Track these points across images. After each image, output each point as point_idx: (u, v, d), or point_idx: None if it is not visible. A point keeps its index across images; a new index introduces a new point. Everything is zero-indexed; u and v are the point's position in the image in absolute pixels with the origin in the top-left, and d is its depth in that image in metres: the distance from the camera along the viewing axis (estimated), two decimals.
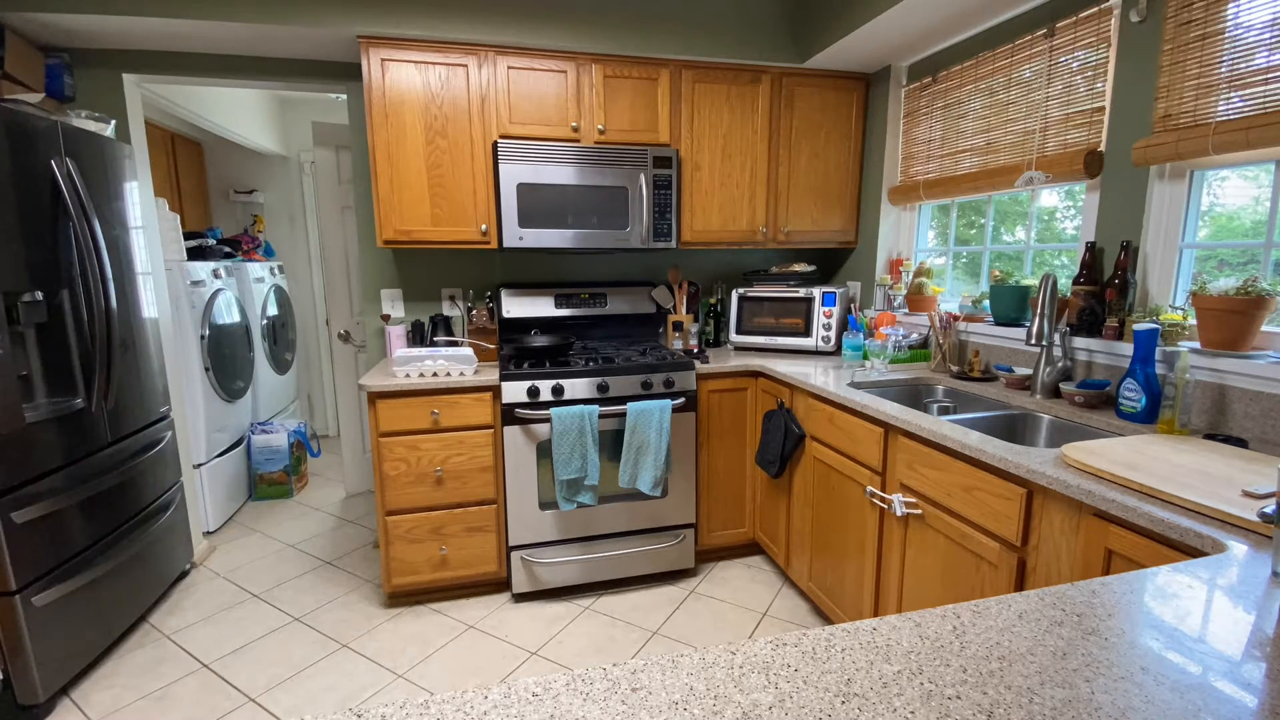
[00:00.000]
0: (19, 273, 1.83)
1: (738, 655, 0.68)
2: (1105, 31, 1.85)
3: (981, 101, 2.33)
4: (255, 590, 2.61)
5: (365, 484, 3.62)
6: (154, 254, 2.63)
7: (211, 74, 2.60)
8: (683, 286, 2.85)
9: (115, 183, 2.30)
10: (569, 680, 0.64)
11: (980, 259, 2.53)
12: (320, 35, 2.36)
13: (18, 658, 1.81)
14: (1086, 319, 1.88)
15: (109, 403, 2.18)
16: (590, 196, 2.54)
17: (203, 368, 3.06)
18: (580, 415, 2.30)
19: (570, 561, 2.48)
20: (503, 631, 2.29)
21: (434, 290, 2.90)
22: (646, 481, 2.40)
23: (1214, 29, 1.57)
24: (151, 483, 2.43)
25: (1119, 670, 0.65)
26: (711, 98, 2.72)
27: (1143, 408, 1.59)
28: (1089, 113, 1.92)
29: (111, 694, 1.98)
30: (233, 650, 2.20)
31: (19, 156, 1.84)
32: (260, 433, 3.56)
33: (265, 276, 3.95)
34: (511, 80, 2.48)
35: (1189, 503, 1.07)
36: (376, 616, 2.39)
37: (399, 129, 2.41)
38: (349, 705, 1.93)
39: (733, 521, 2.73)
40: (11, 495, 1.78)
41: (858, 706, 0.60)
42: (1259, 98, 1.48)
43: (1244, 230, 1.64)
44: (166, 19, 2.19)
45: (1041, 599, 0.79)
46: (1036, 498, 1.35)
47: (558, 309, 2.88)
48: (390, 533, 2.33)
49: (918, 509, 1.71)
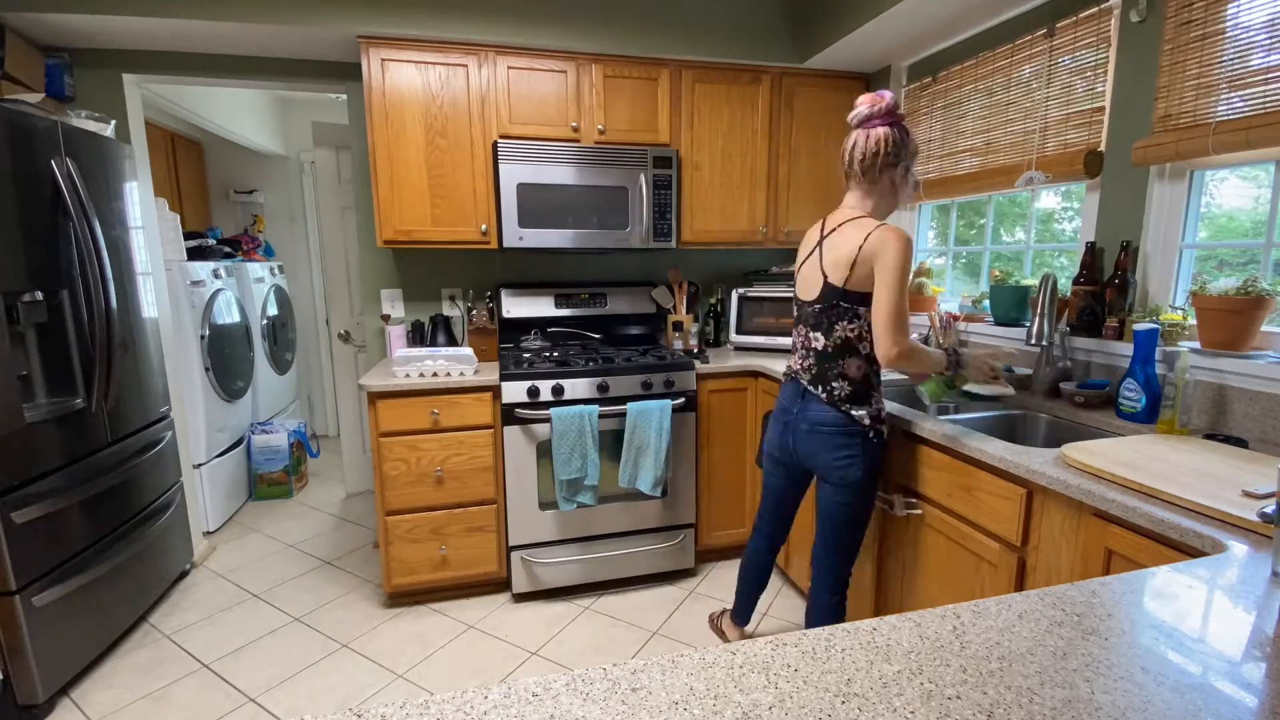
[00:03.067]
0: (19, 273, 1.83)
1: (738, 655, 0.68)
2: (1105, 31, 1.85)
3: (981, 101, 2.33)
4: (255, 590, 2.61)
5: (365, 484, 3.62)
6: (154, 254, 2.63)
7: (211, 74, 2.60)
8: (683, 286, 2.85)
9: (115, 183, 2.30)
10: (569, 680, 0.64)
11: (980, 259, 2.53)
12: (320, 35, 2.36)
13: (18, 658, 1.81)
14: (1086, 319, 1.88)
15: (109, 403, 2.18)
16: (590, 196, 2.54)
17: (203, 368, 3.06)
18: (580, 415, 2.30)
19: (570, 561, 2.48)
20: (503, 631, 2.29)
21: (434, 290, 2.90)
22: (646, 481, 2.40)
23: (1214, 29, 1.57)
24: (151, 483, 2.43)
25: (1119, 670, 0.65)
26: (711, 98, 2.72)
27: (1143, 408, 1.59)
28: (1089, 113, 1.92)
29: (111, 694, 1.98)
30: (233, 650, 2.20)
31: (19, 157, 1.84)
32: (260, 433, 3.56)
33: (265, 276, 3.95)
34: (511, 80, 2.48)
35: (1189, 503, 1.07)
36: (376, 616, 2.39)
37: (399, 129, 2.41)
38: (349, 705, 1.93)
39: (733, 521, 2.73)
40: (11, 495, 1.78)
41: (858, 706, 0.60)
42: (1259, 98, 1.48)
43: (1244, 230, 1.64)
44: (166, 19, 2.19)
45: (1041, 599, 0.79)
46: (1036, 498, 1.35)
47: (558, 309, 2.88)
48: (390, 533, 2.33)
49: (918, 509, 1.71)
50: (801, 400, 1.69)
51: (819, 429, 1.64)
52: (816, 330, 1.64)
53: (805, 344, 1.69)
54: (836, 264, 1.57)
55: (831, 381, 1.62)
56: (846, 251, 1.54)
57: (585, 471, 2.34)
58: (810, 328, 1.66)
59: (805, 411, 1.67)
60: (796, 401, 1.70)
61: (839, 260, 1.56)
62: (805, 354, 1.69)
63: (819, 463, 1.67)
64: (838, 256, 1.57)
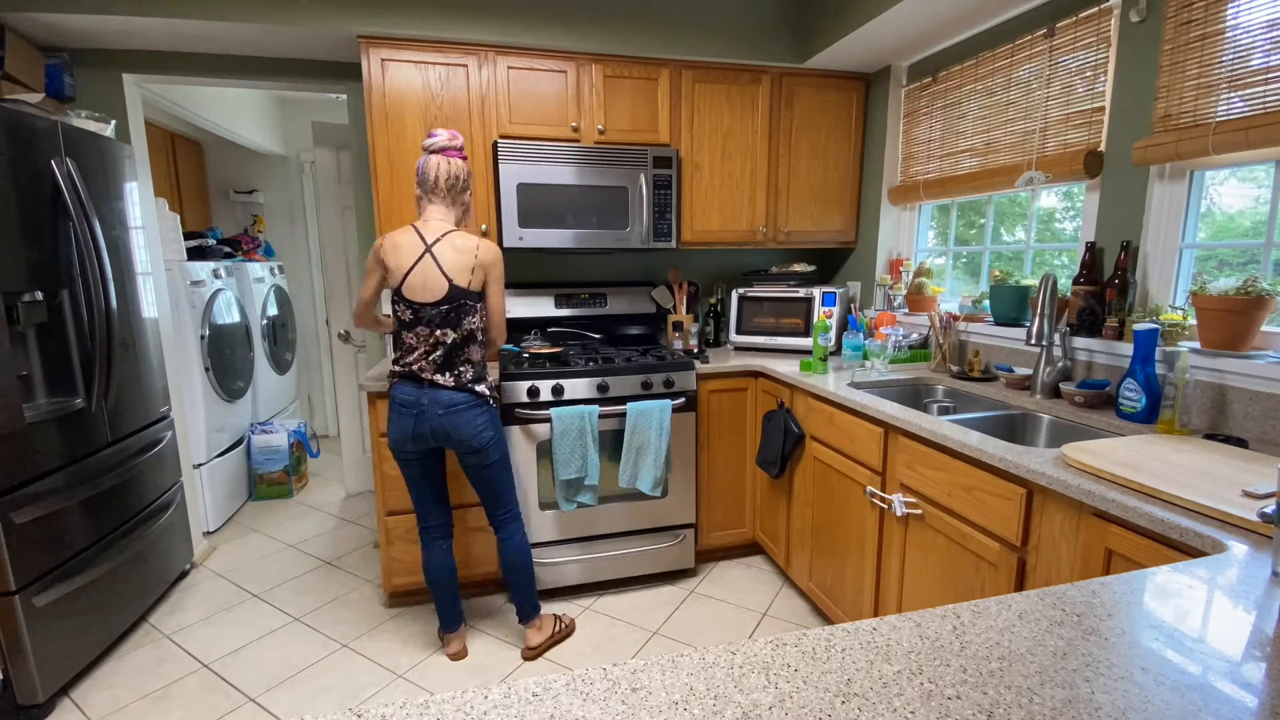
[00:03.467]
0: (19, 273, 1.83)
1: (738, 655, 0.68)
2: (1105, 31, 1.86)
3: (981, 101, 2.33)
4: (255, 590, 2.61)
5: (365, 484, 3.62)
6: (154, 254, 2.63)
7: (211, 74, 2.60)
8: (683, 286, 2.85)
9: (115, 183, 2.30)
10: (569, 680, 0.64)
11: (980, 259, 2.53)
12: (320, 35, 2.36)
13: (18, 658, 1.81)
14: (1086, 319, 1.88)
15: (109, 403, 2.18)
16: (590, 196, 2.54)
17: (203, 368, 3.06)
18: (580, 415, 2.30)
19: (570, 561, 2.48)
20: (503, 631, 2.28)
21: None
22: (647, 481, 2.40)
23: (1214, 29, 1.57)
24: (151, 483, 2.43)
25: (1119, 670, 0.65)
26: (711, 98, 2.72)
27: (1143, 408, 1.59)
28: (1089, 113, 1.92)
29: (111, 694, 1.98)
30: (233, 650, 2.20)
31: (19, 156, 1.84)
32: (260, 433, 3.56)
33: (265, 276, 3.95)
34: (511, 80, 2.48)
35: (1189, 503, 1.07)
36: (376, 616, 2.39)
37: (399, 129, 2.41)
38: (349, 705, 1.93)
39: (733, 521, 2.73)
40: (11, 495, 1.78)
41: (858, 706, 0.60)
42: (1259, 98, 1.48)
43: (1244, 230, 1.64)
44: (166, 19, 2.19)
45: (1041, 599, 0.79)
46: (1036, 498, 1.35)
47: (558, 309, 2.88)
48: (390, 533, 2.33)
49: (918, 509, 1.71)
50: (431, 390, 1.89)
51: (455, 409, 1.88)
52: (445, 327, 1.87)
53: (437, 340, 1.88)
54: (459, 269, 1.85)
55: (458, 367, 1.90)
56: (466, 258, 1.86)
57: (585, 471, 2.34)
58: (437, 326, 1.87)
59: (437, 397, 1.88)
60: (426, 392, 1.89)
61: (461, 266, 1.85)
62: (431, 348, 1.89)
63: (458, 436, 1.90)
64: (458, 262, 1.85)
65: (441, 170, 1.89)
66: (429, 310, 1.86)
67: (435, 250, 1.85)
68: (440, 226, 1.89)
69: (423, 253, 1.85)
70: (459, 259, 1.85)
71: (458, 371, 1.90)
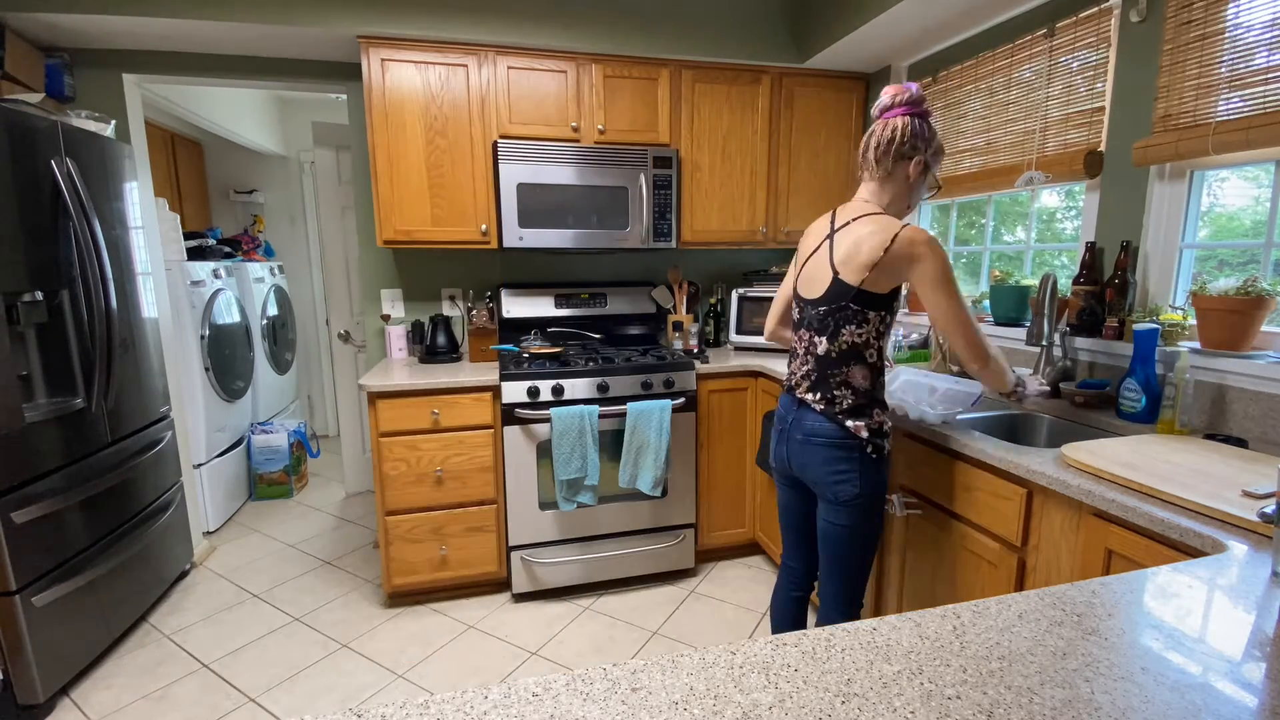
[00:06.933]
0: (19, 273, 1.83)
1: (738, 655, 0.68)
2: (1105, 31, 1.85)
3: (981, 101, 2.33)
4: (255, 590, 2.61)
5: (365, 484, 3.62)
6: (154, 254, 2.63)
7: (211, 74, 2.60)
8: (683, 286, 2.85)
9: (115, 183, 2.30)
10: (569, 680, 0.64)
11: (980, 259, 2.53)
12: (320, 35, 2.36)
13: (18, 658, 1.81)
14: (1086, 319, 1.88)
15: (109, 403, 2.18)
16: (590, 196, 2.54)
17: (203, 368, 3.06)
18: (580, 415, 2.30)
19: (570, 561, 2.48)
20: (503, 631, 2.29)
21: (434, 290, 2.90)
22: (646, 481, 2.40)
23: (1214, 29, 1.57)
24: (151, 483, 2.43)
25: (1119, 670, 0.65)
26: (711, 98, 2.72)
27: (1143, 408, 1.59)
28: (1089, 113, 1.92)
29: (111, 694, 1.98)
30: (233, 650, 2.20)
31: (19, 157, 1.84)
32: (260, 433, 3.56)
33: (265, 276, 3.95)
34: (511, 80, 2.48)
35: (1189, 503, 1.07)
36: (376, 616, 2.39)
37: (399, 129, 2.41)
38: (349, 705, 1.93)
39: (733, 521, 2.73)
40: (11, 495, 1.78)
41: (858, 706, 0.60)
42: (1259, 98, 1.48)
43: (1244, 230, 1.64)
44: (166, 19, 2.19)
45: (1041, 599, 0.79)
46: (1036, 498, 1.35)
47: (558, 309, 2.88)
48: (390, 533, 2.33)
49: (918, 509, 1.71)
50: (797, 409, 1.54)
51: (812, 440, 1.50)
52: (821, 334, 1.48)
53: (808, 349, 1.53)
54: (851, 261, 1.41)
55: (833, 389, 1.47)
56: (868, 250, 1.38)
57: (585, 471, 2.34)
58: (815, 331, 1.50)
59: (801, 421, 1.52)
60: (792, 410, 1.56)
61: (855, 258, 1.40)
62: (805, 359, 1.53)
63: (812, 477, 1.53)
64: (854, 253, 1.41)
65: (873, 137, 1.47)
66: (810, 309, 1.51)
67: (836, 236, 1.47)
68: (860, 208, 1.47)
69: (825, 237, 1.51)
70: (856, 248, 1.40)
71: (831, 395, 1.47)
